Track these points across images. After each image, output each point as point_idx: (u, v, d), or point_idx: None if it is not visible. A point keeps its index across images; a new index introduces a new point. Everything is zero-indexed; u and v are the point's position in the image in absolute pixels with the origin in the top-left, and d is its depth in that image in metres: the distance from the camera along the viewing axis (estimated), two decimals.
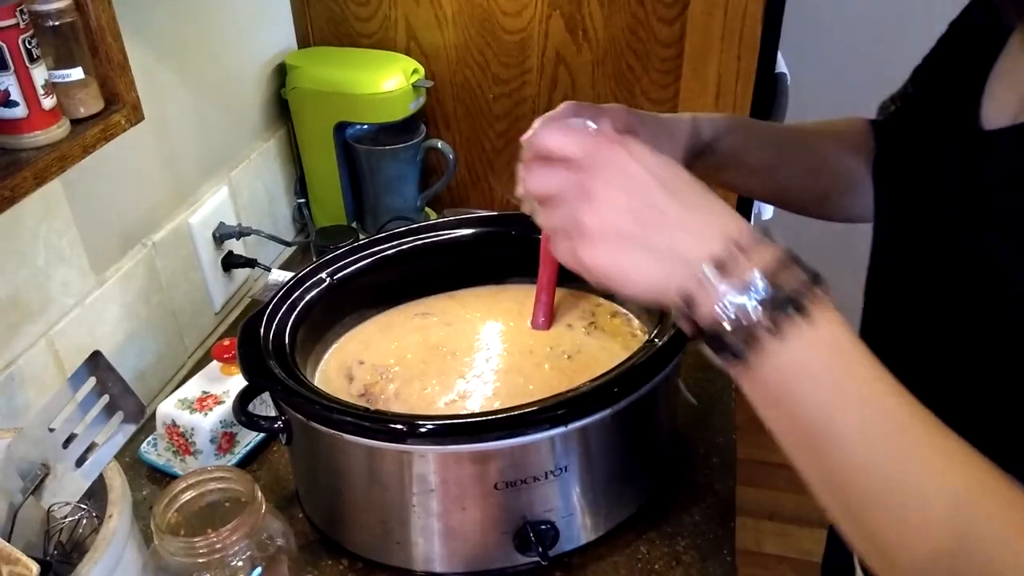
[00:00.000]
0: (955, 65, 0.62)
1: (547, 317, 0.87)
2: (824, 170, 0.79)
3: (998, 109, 0.54)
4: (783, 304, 0.42)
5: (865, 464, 0.40)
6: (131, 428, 0.67)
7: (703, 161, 0.73)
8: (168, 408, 0.89)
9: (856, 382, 0.42)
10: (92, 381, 0.66)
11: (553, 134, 0.49)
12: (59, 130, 0.75)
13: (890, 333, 0.66)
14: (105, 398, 0.66)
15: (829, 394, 0.41)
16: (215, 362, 0.94)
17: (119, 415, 0.66)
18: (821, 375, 0.42)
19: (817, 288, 0.42)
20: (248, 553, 0.64)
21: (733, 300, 0.42)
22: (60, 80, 0.76)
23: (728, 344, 0.43)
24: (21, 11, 0.70)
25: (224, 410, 0.89)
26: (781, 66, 1.44)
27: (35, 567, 0.50)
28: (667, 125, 0.71)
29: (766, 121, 0.80)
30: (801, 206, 0.83)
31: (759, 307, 0.42)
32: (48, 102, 0.74)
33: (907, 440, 0.40)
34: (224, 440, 0.90)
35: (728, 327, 0.42)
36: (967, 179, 0.54)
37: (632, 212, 0.46)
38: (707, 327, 0.43)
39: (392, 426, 0.67)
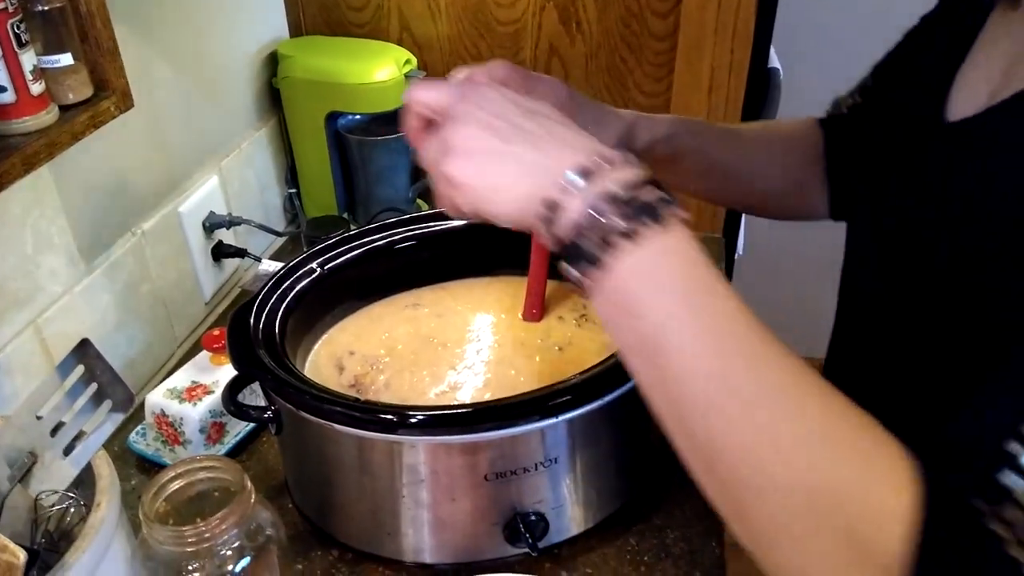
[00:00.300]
0: (923, 59, 0.62)
1: (538, 309, 0.87)
2: (771, 171, 0.79)
3: (967, 100, 0.54)
4: (639, 212, 0.43)
5: (698, 368, 0.42)
6: (120, 417, 0.66)
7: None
8: (157, 398, 0.89)
9: (699, 290, 0.43)
10: (80, 369, 0.65)
11: (422, 90, 0.52)
12: (48, 116, 0.75)
13: (860, 338, 0.66)
14: (93, 386, 0.66)
15: (672, 300, 0.43)
16: (205, 352, 0.94)
17: (107, 403, 0.66)
18: (667, 281, 0.43)
19: (672, 207, 0.44)
20: (237, 543, 0.63)
21: (594, 205, 0.43)
22: (49, 66, 0.76)
23: (585, 250, 0.44)
24: None
25: (213, 400, 0.89)
26: (774, 61, 1.44)
27: (22, 555, 0.50)
28: (601, 118, 0.70)
29: (719, 125, 0.80)
30: (746, 206, 0.83)
31: (617, 212, 0.43)
32: (37, 88, 0.73)
33: (740, 344, 0.42)
34: (213, 430, 0.89)
35: (586, 232, 0.44)
36: (935, 172, 0.54)
37: (497, 128, 0.47)
38: (567, 235, 0.44)
39: (382, 416, 0.67)
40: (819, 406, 0.41)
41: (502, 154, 0.47)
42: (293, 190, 1.34)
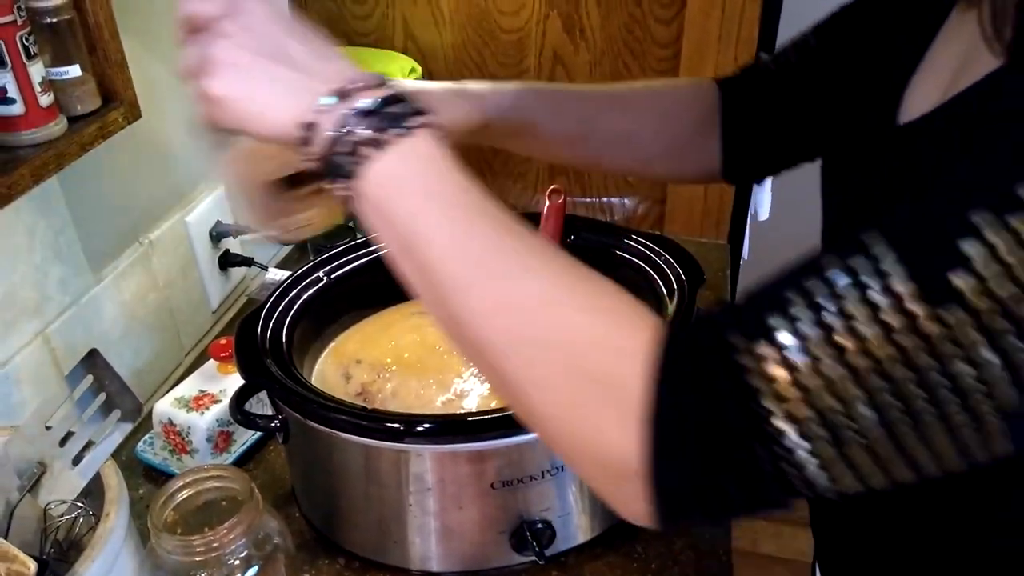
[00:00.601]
0: (878, 59, 0.61)
1: None
2: (653, 134, 0.77)
3: (920, 103, 0.53)
4: (386, 122, 0.45)
5: (446, 254, 0.44)
6: (128, 426, 0.67)
7: (488, 133, 0.72)
8: (165, 407, 0.89)
9: (440, 184, 0.46)
10: (89, 379, 0.66)
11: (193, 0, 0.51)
12: (56, 128, 0.75)
13: None
14: (102, 396, 0.66)
15: (417, 200, 0.45)
16: (212, 361, 0.94)
17: (116, 413, 0.66)
18: (411, 181, 0.46)
19: (419, 117, 0.46)
20: (245, 552, 0.64)
21: (344, 120, 0.45)
22: (57, 77, 0.76)
23: (339, 164, 0.46)
24: (19, 7, 0.70)
25: (221, 409, 0.89)
26: None
27: (33, 565, 0.50)
28: (450, 98, 0.70)
29: (590, 88, 0.78)
30: (622, 170, 0.83)
31: (365, 125, 0.45)
32: (45, 99, 0.74)
33: (483, 226, 0.45)
34: (220, 439, 0.90)
35: (339, 146, 0.45)
36: (887, 176, 0.54)
37: (261, 45, 0.48)
38: (323, 152, 0.46)
39: (389, 425, 0.67)
40: (559, 269, 0.44)
41: (264, 71, 0.48)
42: None
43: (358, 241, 0.91)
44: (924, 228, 0.36)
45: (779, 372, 0.37)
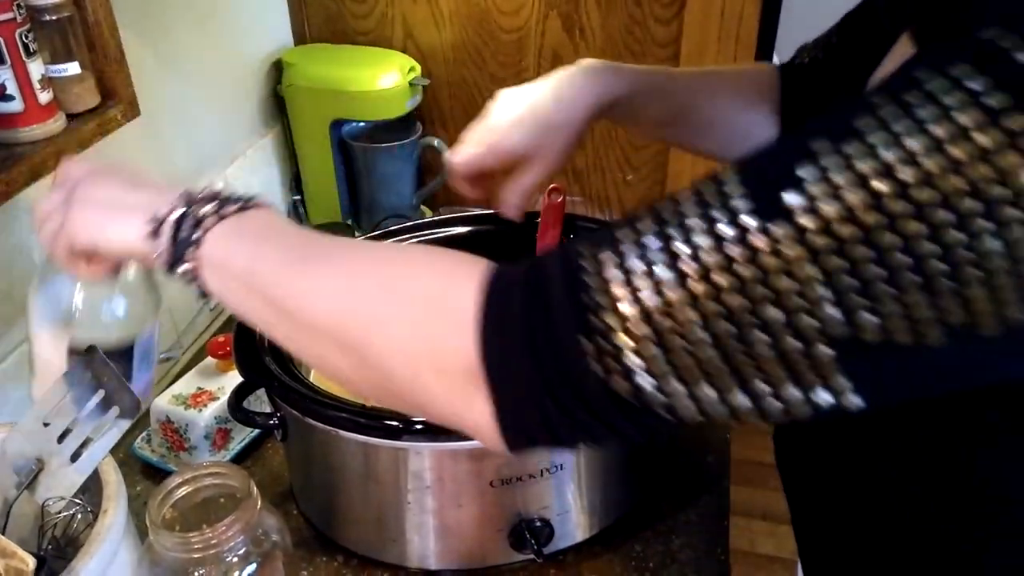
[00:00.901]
0: (872, 28, 0.61)
1: None
2: (719, 124, 0.78)
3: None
4: (225, 202, 0.50)
5: (294, 279, 0.47)
6: (126, 424, 0.66)
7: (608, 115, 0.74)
8: (163, 404, 0.89)
9: (274, 230, 0.50)
10: (88, 376, 0.66)
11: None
12: (55, 124, 0.75)
13: None
14: (100, 393, 0.66)
15: (252, 243, 0.49)
16: (210, 358, 0.94)
17: (114, 410, 0.66)
18: (247, 232, 0.50)
19: (256, 200, 0.52)
20: (243, 549, 0.64)
21: (188, 204, 0.50)
22: (57, 75, 0.76)
23: (183, 238, 0.50)
24: (18, 5, 0.70)
25: (219, 406, 0.89)
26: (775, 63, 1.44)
27: (31, 560, 0.50)
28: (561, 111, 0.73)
29: (684, 72, 0.79)
30: (707, 154, 0.84)
31: (206, 204, 0.50)
32: (44, 96, 0.74)
33: (321, 249, 0.49)
34: (219, 436, 0.90)
35: (183, 224, 0.50)
36: None
37: (103, 185, 0.55)
38: (169, 234, 0.50)
39: (388, 423, 0.67)
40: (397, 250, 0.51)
41: (110, 199, 0.54)
42: (297, 197, 1.35)
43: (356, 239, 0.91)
44: (769, 157, 0.37)
45: (615, 279, 0.37)
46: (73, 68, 0.77)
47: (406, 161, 1.28)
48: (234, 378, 0.89)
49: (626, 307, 0.37)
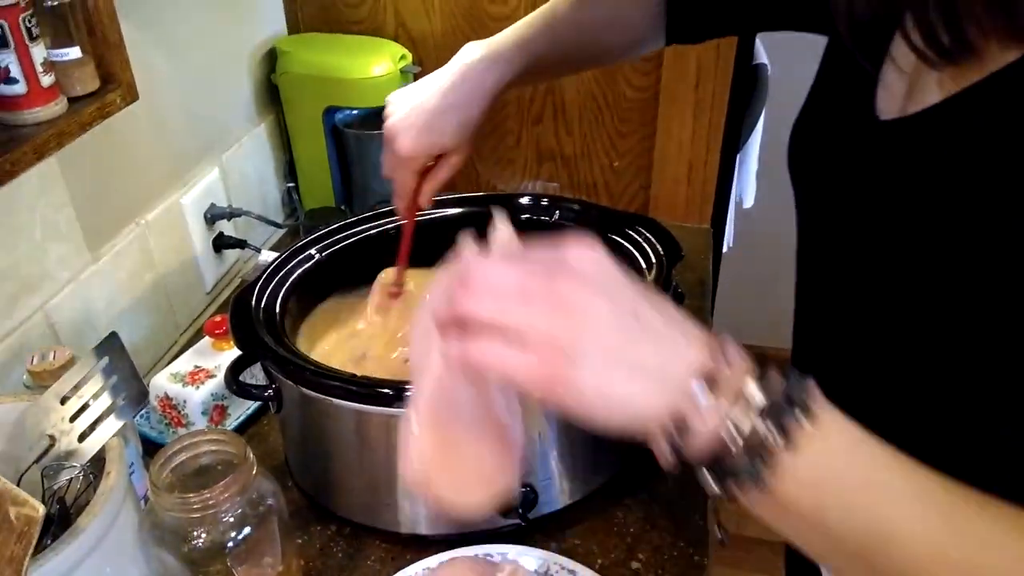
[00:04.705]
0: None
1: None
2: (612, 46, 0.84)
3: (890, 98, 0.55)
4: (785, 410, 0.38)
5: (931, 556, 0.38)
6: (131, 411, 0.69)
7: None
8: (161, 381, 0.92)
9: (883, 473, 0.39)
10: (106, 360, 0.69)
11: (496, 265, 0.42)
12: (57, 107, 0.78)
13: (817, 322, 0.69)
14: (113, 378, 0.69)
15: (864, 494, 0.38)
16: (207, 338, 0.97)
17: (123, 396, 0.69)
18: (847, 477, 0.39)
19: (811, 392, 0.39)
20: (240, 510, 0.66)
21: (734, 416, 0.38)
22: (58, 59, 0.79)
23: (737, 468, 0.39)
24: None
25: (215, 383, 0.92)
26: (762, 57, 1.47)
27: (41, 508, 0.53)
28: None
29: (563, 19, 0.81)
30: (593, 66, 0.89)
31: (763, 418, 0.38)
32: (47, 80, 0.76)
33: (955, 516, 0.38)
34: (215, 412, 0.92)
35: (735, 447, 0.38)
36: (866, 170, 0.56)
37: (619, 325, 0.40)
38: (706, 452, 0.39)
39: (379, 390, 0.70)
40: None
41: (624, 360, 0.39)
42: (292, 184, 1.37)
43: (348, 221, 0.94)
44: None
45: None
46: (74, 52, 0.80)
47: None
48: (230, 357, 0.92)
49: None
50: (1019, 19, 0.40)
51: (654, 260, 0.83)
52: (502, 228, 0.48)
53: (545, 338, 0.39)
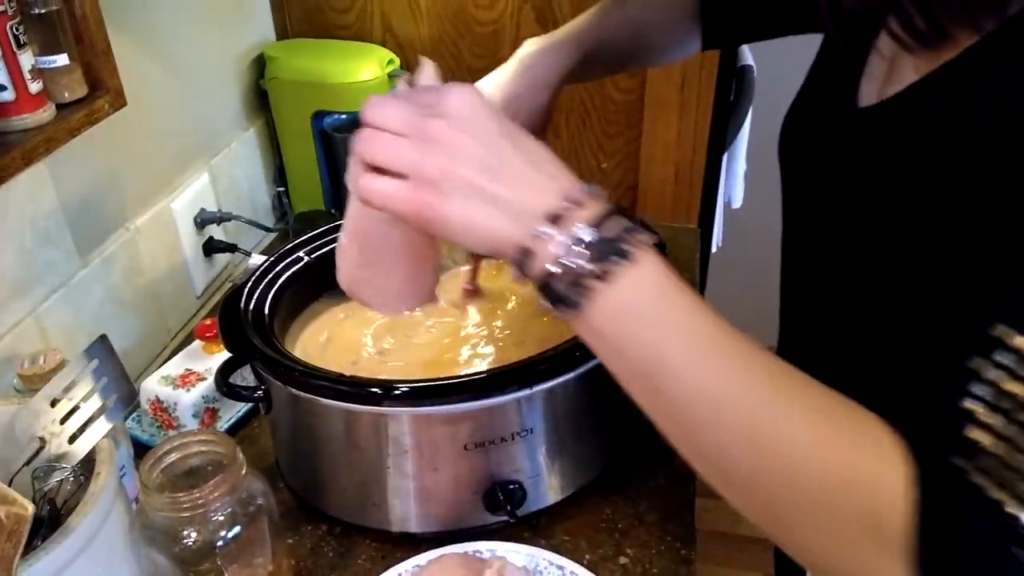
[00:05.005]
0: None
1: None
2: (654, 45, 0.85)
3: (871, 87, 0.57)
4: (607, 251, 0.44)
5: (694, 391, 0.44)
6: (122, 412, 0.70)
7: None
8: (152, 384, 0.93)
9: (676, 315, 0.45)
10: (96, 363, 0.69)
11: (385, 107, 0.49)
12: (45, 113, 0.79)
13: (802, 315, 0.70)
14: (104, 380, 0.69)
15: (655, 331, 0.45)
16: (197, 342, 0.97)
17: (113, 398, 0.69)
18: (646, 314, 0.45)
19: (640, 236, 0.45)
20: (230, 510, 0.67)
21: (563, 251, 0.45)
22: (46, 66, 0.80)
23: (561, 294, 0.45)
24: None
25: (206, 386, 0.92)
26: (748, 58, 1.49)
27: (31, 506, 0.53)
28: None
29: (614, 17, 0.82)
30: (637, 68, 0.91)
31: (585, 256, 0.44)
32: (35, 86, 0.77)
33: (727, 359, 0.44)
34: (206, 415, 0.93)
35: (559, 278, 0.45)
36: (845, 159, 0.57)
37: (481, 161, 0.46)
38: (540, 278, 0.46)
39: (368, 389, 0.70)
40: (810, 402, 0.44)
41: (485, 193, 0.46)
42: (281, 188, 1.38)
43: (337, 223, 0.95)
44: None
45: (1003, 473, 0.40)
46: (62, 60, 0.81)
47: None
48: (221, 359, 0.92)
49: (1018, 486, 0.39)
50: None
51: None
52: (427, 68, 0.55)
53: (416, 172, 0.47)
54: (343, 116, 1.31)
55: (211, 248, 1.18)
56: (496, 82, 0.78)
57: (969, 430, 0.40)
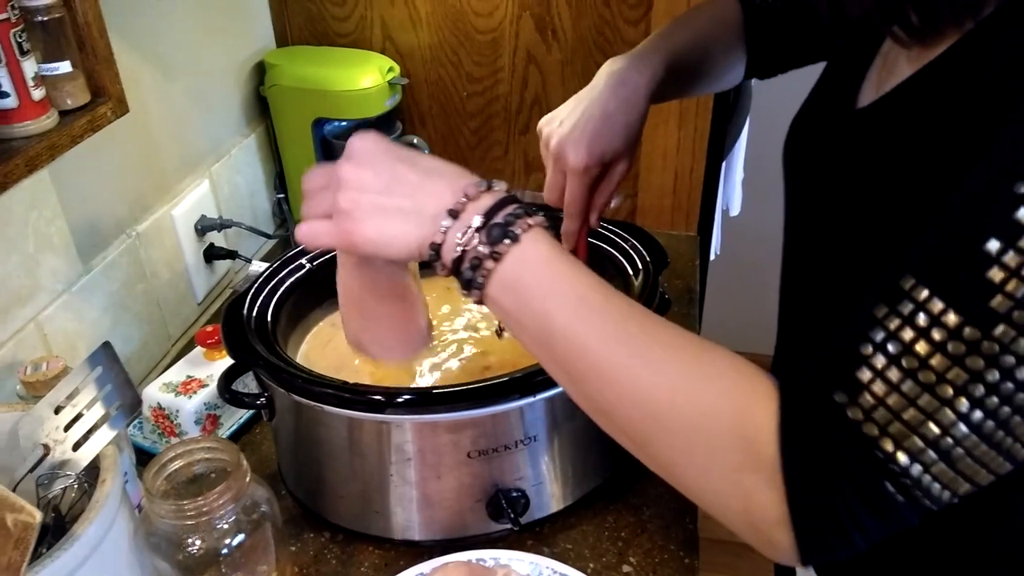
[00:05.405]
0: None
1: None
2: (711, 72, 0.86)
3: (869, 88, 0.58)
4: (498, 234, 0.51)
5: (579, 348, 0.50)
6: (126, 419, 0.70)
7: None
8: (153, 391, 0.92)
9: (560, 285, 0.51)
10: (99, 370, 0.69)
11: (314, 175, 0.59)
12: (48, 120, 0.78)
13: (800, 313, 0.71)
14: (108, 387, 0.69)
15: (542, 300, 0.51)
16: (199, 348, 0.97)
17: (117, 404, 0.69)
18: (533, 285, 0.51)
19: (527, 219, 0.52)
20: (234, 517, 0.67)
21: (461, 240, 0.52)
22: (49, 73, 0.80)
23: (468, 278, 0.52)
24: (12, 6, 0.74)
25: (208, 393, 0.92)
26: None
27: (38, 514, 0.53)
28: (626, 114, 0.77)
29: (672, 38, 0.83)
30: (696, 93, 0.91)
31: (479, 241, 0.51)
32: (38, 93, 0.77)
33: (608, 318, 0.50)
34: (208, 421, 0.93)
35: (464, 263, 0.52)
36: (841, 161, 0.59)
37: (383, 185, 0.54)
38: (453, 269, 0.53)
39: (372, 397, 0.71)
40: (687, 351, 0.49)
41: (390, 210, 0.54)
42: (281, 195, 1.38)
43: None
44: (955, 268, 0.42)
45: (888, 420, 0.43)
46: (64, 67, 0.81)
47: None
48: (222, 366, 0.92)
49: (895, 428, 0.43)
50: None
51: (640, 267, 0.85)
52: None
53: (335, 209, 0.55)
54: (343, 123, 1.32)
55: (212, 255, 1.18)
56: (590, 101, 0.77)
57: (860, 372, 0.43)
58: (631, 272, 0.85)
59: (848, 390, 0.44)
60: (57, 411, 0.68)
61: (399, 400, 0.70)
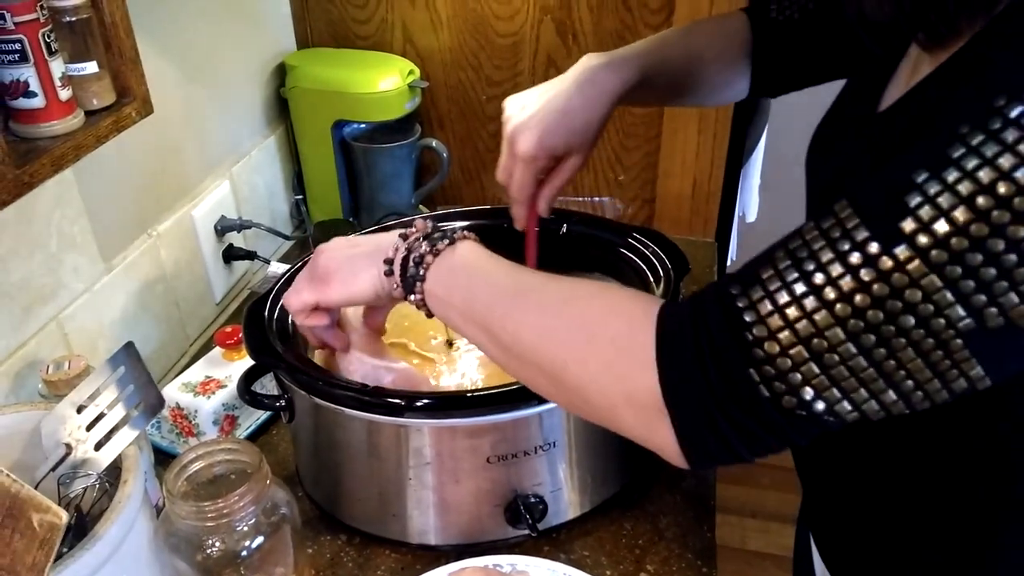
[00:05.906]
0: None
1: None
2: (706, 84, 0.85)
3: (893, 92, 0.58)
4: (438, 239, 0.63)
5: (500, 315, 0.58)
6: (148, 419, 0.70)
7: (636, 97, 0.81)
8: (172, 391, 0.93)
9: (485, 266, 0.61)
10: (122, 370, 0.69)
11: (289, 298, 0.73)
12: (74, 120, 0.79)
13: None
14: (130, 387, 0.70)
15: (469, 279, 0.61)
16: (217, 348, 0.98)
17: (140, 405, 0.70)
18: (463, 269, 0.62)
19: (459, 232, 0.64)
20: (254, 520, 0.67)
21: (409, 246, 0.64)
22: (76, 73, 0.80)
23: (411, 274, 0.63)
24: (41, 6, 0.74)
25: (226, 393, 0.93)
26: None
27: (64, 515, 0.54)
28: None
29: (663, 43, 0.84)
30: (686, 104, 0.92)
31: (425, 246, 0.63)
32: (65, 94, 0.78)
33: (519, 289, 0.58)
34: (226, 422, 0.93)
35: (409, 264, 0.63)
36: (860, 162, 0.59)
37: (341, 253, 0.69)
38: (400, 273, 0.64)
39: (391, 400, 0.71)
40: (588, 287, 0.57)
41: (350, 263, 0.68)
42: (300, 196, 1.39)
43: (359, 234, 0.95)
44: (880, 192, 0.43)
45: (769, 311, 0.45)
46: (91, 67, 0.81)
47: (405, 161, 1.32)
48: (240, 367, 0.93)
49: (784, 335, 0.44)
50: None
51: (661, 273, 0.84)
52: None
53: (308, 283, 0.71)
54: (363, 125, 1.32)
55: (231, 255, 1.18)
56: (556, 91, 0.77)
57: (763, 270, 0.46)
58: (652, 279, 0.85)
59: (744, 283, 0.46)
60: (79, 410, 0.69)
61: (418, 404, 0.70)
